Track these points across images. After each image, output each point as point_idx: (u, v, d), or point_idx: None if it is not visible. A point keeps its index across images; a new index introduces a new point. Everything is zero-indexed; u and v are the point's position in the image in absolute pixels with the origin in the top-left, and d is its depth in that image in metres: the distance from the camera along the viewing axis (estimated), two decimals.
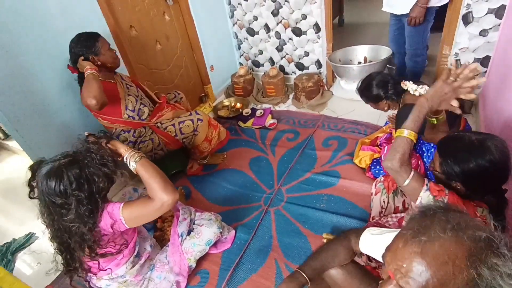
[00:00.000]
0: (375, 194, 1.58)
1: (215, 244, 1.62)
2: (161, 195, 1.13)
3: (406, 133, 1.04)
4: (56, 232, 1.13)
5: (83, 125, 1.94)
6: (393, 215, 1.42)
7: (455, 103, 1.03)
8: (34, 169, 1.15)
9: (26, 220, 2.24)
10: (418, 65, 2.34)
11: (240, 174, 2.18)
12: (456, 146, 1.02)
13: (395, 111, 2.09)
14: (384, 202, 1.53)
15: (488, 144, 0.97)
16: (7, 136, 3.08)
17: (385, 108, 1.86)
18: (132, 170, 1.21)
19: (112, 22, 2.04)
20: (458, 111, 1.05)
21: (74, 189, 1.06)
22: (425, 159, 1.71)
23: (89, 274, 1.26)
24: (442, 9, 2.12)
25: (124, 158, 1.22)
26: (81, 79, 1.65)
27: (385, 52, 2.66)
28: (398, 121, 1.69)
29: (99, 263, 1.19)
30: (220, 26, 3.03)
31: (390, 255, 0.64)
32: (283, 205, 1.89)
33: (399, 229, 0.96)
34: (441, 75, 1.05)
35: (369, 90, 1.82)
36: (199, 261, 1.59)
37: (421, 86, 1.57)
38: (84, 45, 1.61)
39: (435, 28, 2.18)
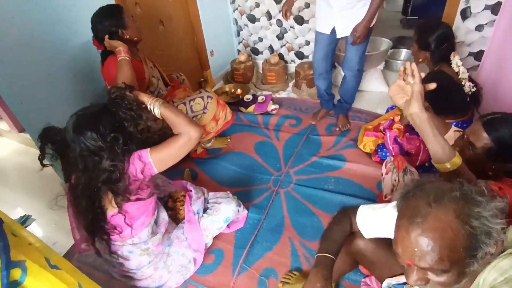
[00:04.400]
0: (386, 174, 1.65)
1: (228, 224, 1.62)
2: (188, 129, 1.20)
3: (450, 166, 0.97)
4: (85, 187, 1.10)
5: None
6: None
7: (432, 86, 0.99)
8: (44, 135, 1.15)
9: (19, 203, 2.13)
10: (359, 81, 2.19)
11: (246, 157, 2.19)
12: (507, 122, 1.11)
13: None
14: (395, 180, 1.59)
15: None
16: None
17: (420, 59, 1.84)
18: (157, 115, 1.25)
19: None
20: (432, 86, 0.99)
21: (109, 132, 1.08)
22: None
23: (112, 239, 1.22)
24: None
25: (148, 105, 1.24)
26: (105, 54, 1.59)
27: (384, 44, 2.74)
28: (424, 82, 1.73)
29: (125, 217, 1.16)
30: (221, 11, 3.00)
31: (399, 246, 0.70)
32: (292, 187, 1.92)
33: (392, 203, 1.02)
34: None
35: (427, 34, 1.76)
36: (213, 240, 1.59)
37: (462, 65, 1.63)
38: (112, 18, 1.54)
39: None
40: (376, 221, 1.05)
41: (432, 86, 0.98)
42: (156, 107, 1.24)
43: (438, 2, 2.73)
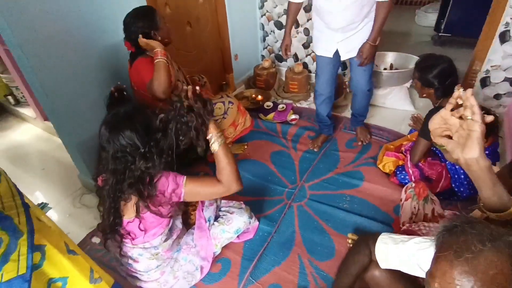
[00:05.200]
0: (406, 200, 1.58)
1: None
2: (231, 183, 1.19)
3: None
4: (112, 189, 1.10)
5: None
6: (425, 224, 1.42)
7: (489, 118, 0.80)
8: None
9: (37, 189, 2.19)
10: (371, 98, 2.18)
11: (262, 165, 2.17)
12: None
13: (418, 113, 2.10)
14: (415, 208, 1.53)
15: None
16: (18, 103, 2.99)
17: (423, 95, 1.78)
18: (212, 150, 1.18)
19: None
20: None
21: (148, 135, 1.08)
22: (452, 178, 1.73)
23: (124, 241, 1.23)
24: None
25: (210, 135, 1.16)
26: (133, 56, 1.61)
27: (411, 60, 2.66)
28: (428, 120, 1.67)
29: (140, 222, 1.16)
30: (249, 16, 2.99)
31: (437, 280, 0.64)
32: (305, 201, 1.88)
33: (414, 237, 0.97)
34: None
35: (429, 72, 1.69)
36: (221, 249, 1.57)
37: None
38: (146, 19, 1.56)
39: (463, 45, 2.17)
40: (395, 253, 1.01)
41: (490, 118, 0.79)
42: (216, 143, 1.16)
43: (475, 21, 2.61)
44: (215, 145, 1.17)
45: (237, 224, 1.49)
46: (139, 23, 1.56)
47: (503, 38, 2.13)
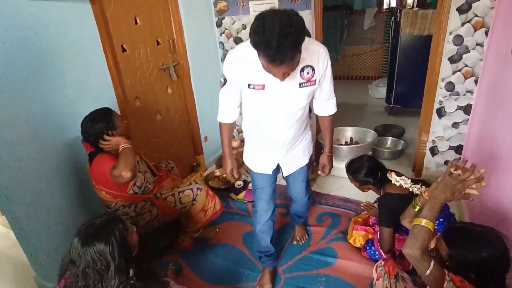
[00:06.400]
0: (377, 279, 1.58)
1: None
2: None
3: (424, 222, 1.12)
4: None
5: (81, 202, 1.88)
6: None
7: (473, 191, 1.15)
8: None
9: None
10: (309, 206, 2.08)
11: (234, 249, 2.12)
12: (465, 237, 1.10)
13: (369, 200, 2.21)
14: (387, 287, 1.52)
15: (491, 235, 1.07)
16: None
17: (366, 191, 1.96)
18: None
19: (120, 94, 2.13)
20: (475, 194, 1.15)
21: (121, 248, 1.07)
22: None
23: None
24: None
25: None
26: (92, 155, 1.66)
27: (370, 135, 2.90)
28: (382, 209, 1.79)
29: None
30: (217, 100, 3.20)
31: None
32: (281, 287, 1.82)
33: None
34: (447, 170, 1.19)
35: (359, 173, 1.92)
36: None
37: (401, 177, 1.72)
38: (103, 121, 1.65)
39: (413, 113, 2.44)
40: None
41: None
42: None
43: (416, 94, 2.96)
44: None
45: None
46: (97, 125, 1.63)
47: (440, 113, 2.42)
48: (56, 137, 1.75)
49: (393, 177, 1.73)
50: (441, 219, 1.73)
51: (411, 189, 1.71)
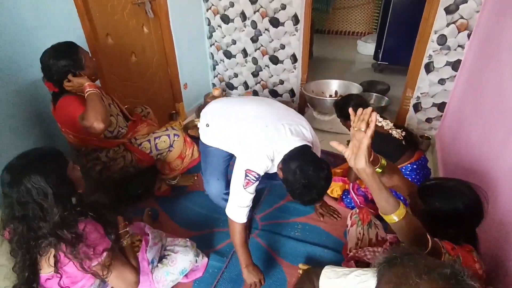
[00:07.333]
0: (351, 226, 1.62)
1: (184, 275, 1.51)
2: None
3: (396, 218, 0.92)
4: (23, 238, 0.98)
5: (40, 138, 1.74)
6: (370, 249, 1.46)
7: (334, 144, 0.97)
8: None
9: None
10: None
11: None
12: (440, 192, 1.08)
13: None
14: (360, 233, 1.56)
15: (464, 187, 1.07)
16: None
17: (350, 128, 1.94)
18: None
19: (88, 27, 1.92)
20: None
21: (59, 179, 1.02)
22: None
23: None
24: None
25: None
26: (56, 96, 1.49)
27: (354, 88, 2.84)
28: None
29: (61, 277, 1.02)
30: (198, 45, 3.01)
31: None
32: (257, 233, 1.84)
33: (355, 269, 0.99)
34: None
35: (345, 106, 1.87)
36: None
37: (384, 119, 1.74)
38: (68, 59, 1.43)
39: (400, 72, 2.39)
40: (337, 287, 1.00)
41: (373, 116, 0.92)
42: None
43: (405, 51, 2.89)
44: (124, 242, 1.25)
45: (182, 264, 1.40)
46: (61, 63, 1.43)
47: (428, 68, 2.36)
48: (13, 72, 1.56)
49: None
50: (418, 176, 1.75)
51: (391, 131, 1.71)
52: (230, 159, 1.65)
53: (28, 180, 0.96)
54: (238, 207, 1.35)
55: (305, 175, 1.23)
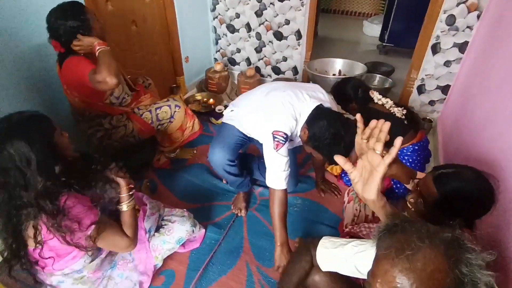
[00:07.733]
0: (348, 202, 1.63)
1: (183, 243, 1.53)
2: (135, 238, 1.21)
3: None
4: (5, 204, 0.95)
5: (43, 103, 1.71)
6: (366, 225, 1.48)
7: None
8: None
9: None
10: None
11: (210, 171, 2.10)
12: (458, 180, 1.00)
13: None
14: (356, 210, 1.58)
15: (481, 178, 0.99)
16: None
17: (353, 112, 1.88)
18: (120, 208, 1.21)
19: None
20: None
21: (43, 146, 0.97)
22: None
23: (36, 268, 1.08)
24: None
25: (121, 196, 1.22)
26: (62, 56, 1.45)
27: (359, 67, 2.79)
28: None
29: (42, 248, 0.99)
30: (200, 18, 2.93)
31: (380, 280, 0.64)
32: (256, 207, 1.86)
33: (352, 240, 0.99)
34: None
35: (342, 89, 1.87)
36: (164, 260, 1.48)
37: (384, 97, 1.72)
38: (76, 19, 1.39)
39: (405, 54, 2.33)
40: (334, 256, 1.01)
41: (398, 141, 0.74)
42: (125, 206, 1.22)
43: (413, 33, 2.82)
44: (124, 207, 1.21)
45: (178, 233, 1.42)
46: (68, 23, 1.39)
47: (435, 49, 2.31)
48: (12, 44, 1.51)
49: (375, 95, 1.71)
50: (419, 157, 1.74)
51: (391, 110, 1.70)
52: (244, 141, 1.65)
53: (10, 145, 0.91)
54: (274, 173, 1.37)
55: (333, 127, 1.30)
